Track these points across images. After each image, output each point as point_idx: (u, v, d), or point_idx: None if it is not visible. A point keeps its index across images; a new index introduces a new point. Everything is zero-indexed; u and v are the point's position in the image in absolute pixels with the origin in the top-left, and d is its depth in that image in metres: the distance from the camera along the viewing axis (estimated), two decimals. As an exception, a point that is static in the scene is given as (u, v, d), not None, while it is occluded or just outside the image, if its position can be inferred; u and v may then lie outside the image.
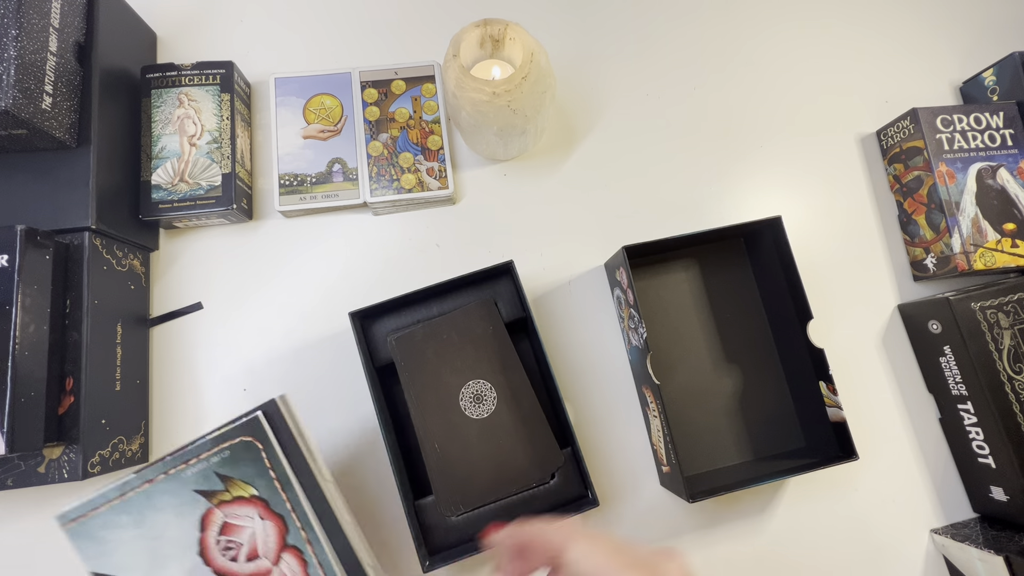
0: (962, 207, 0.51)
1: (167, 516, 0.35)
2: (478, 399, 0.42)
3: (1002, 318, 0.47)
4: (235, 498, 0.36)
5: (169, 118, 0.49)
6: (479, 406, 0.42)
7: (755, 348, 0.51)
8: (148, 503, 0.35)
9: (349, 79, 0.53)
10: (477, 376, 0.42)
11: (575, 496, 0.44)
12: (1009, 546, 0.43)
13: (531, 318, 0.45)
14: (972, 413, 0.48)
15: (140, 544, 0.34)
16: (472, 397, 0.42)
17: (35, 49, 0.40)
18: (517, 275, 0.45)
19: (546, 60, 0.44)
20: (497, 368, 0.42)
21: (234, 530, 0.35)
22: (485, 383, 0.42)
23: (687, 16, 0.60)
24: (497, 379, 0.42)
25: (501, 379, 0.42)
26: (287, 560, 0.36)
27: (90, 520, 0.35)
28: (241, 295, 0.51)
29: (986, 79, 0.57)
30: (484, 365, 0.42)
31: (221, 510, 0.35)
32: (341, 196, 0.51)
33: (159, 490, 0.35)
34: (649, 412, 0.48)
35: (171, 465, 0.35)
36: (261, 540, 0.36)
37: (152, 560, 0.34)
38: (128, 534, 0.34)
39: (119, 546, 0.34)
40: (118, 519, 0.34)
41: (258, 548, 0.36)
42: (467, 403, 0.42)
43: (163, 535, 0.35)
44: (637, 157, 0.56)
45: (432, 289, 0.45)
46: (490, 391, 0.42)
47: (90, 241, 0.43)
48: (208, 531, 0.35)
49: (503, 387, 0.42)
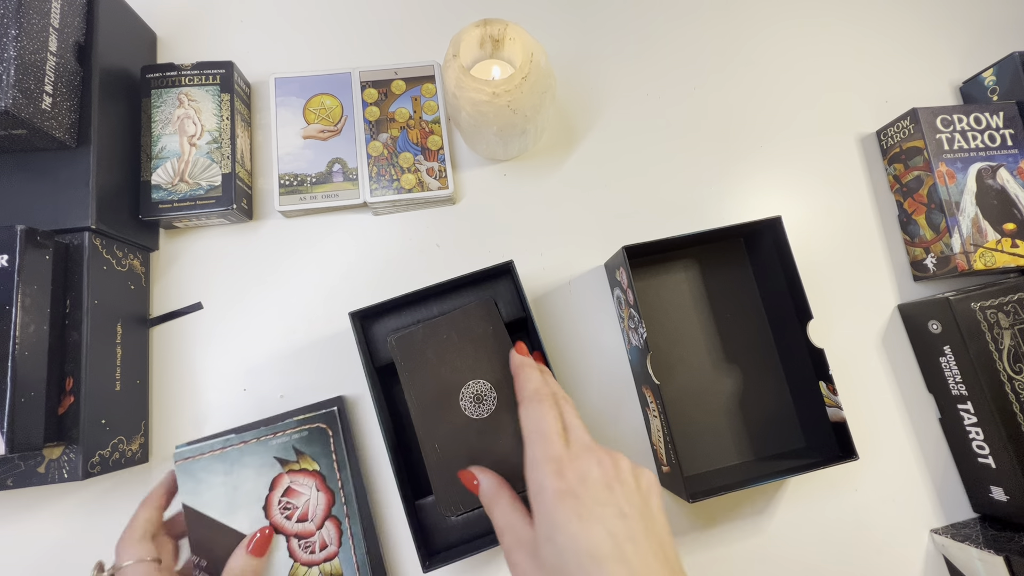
0: (962, 207, 0.51)
1: (248, 472, 0.42)
2: (478, 399, 0.42)
3: (1002, 318, 0.47)
4: (302, 469, 0.43)
5: (169, 118, 0.49)
6: (479, 406, 0.41)
7: (755, 348, 0.51)
8: (239, 459, 0.43)
9: (349, 79, 0.53)
10: (477, 376, 0.42)
11: None
12: (1009, 546, 0.44)
13: (531, 318, 0.45)
14: (972, 413, 0.48)
15: (223, 490, 0.42)
16: (472, 397, 0.42)
17: (35, 49, 0.40)
18: (517, 275, 0.45)
19: (546, 60, 0.44)
20: (497, 368, 0.42)
21: (294, 494, 0.43)
22: (485, 383, 0.42)
23: (687, 16, 0.60)
24: (497, 379, 0.42)
25: (501, 379, 0.42)
26: (328, 527, 0.43)
27: (195, 462, 0.42)
28: (241, 295, 0.51)
29: (986, 79, 0.57)
30: (484, 365, 0.42)
31: (289, 476, 0.43)
32: (341, 196, 0.51)
33: (249, 451, 0.43)
34: (649, 412, 0.48)
35: (263, 433, 0.43)
36: (312, 507, 0.43)
37: (228, 504, 0.42)
38: (218, 479, 0.42)
39: (209, 488, 0.42)
40: (214, 466, 0.42)
41: (308, 513, 0.43)
42: (467, 403, 0.42)
43: (241, 487, 0.42)
44: (637, 157, 0.56)
45: (432, 289, 0.45)
46: (490, 391, 0.41)
47: (90, 241, 0.43)
48: (275, 491, 0.43)
49: (503, 387, 0.42)
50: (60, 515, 0.46)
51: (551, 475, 0.29)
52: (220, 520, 0.41)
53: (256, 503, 0.42)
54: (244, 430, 0.44)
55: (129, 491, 0.46)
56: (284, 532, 0.42)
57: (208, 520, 0.41)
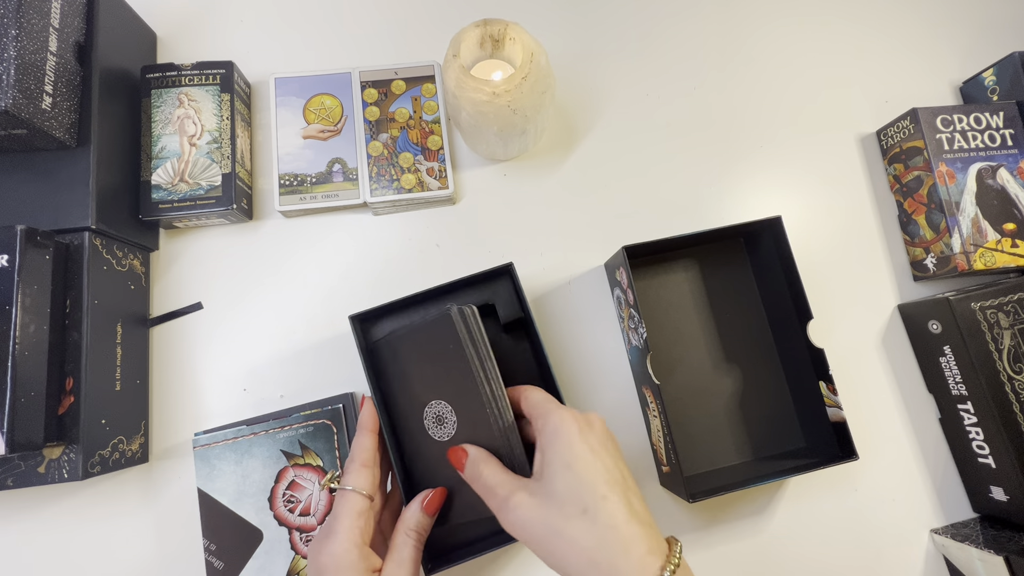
0: (962, 207, 0.51)
1: (256, 463, 0.44)
2: (440, 421, 0.39)
3: (1002, 318, 0.47)
4: (306, 464, 0.45)
5: (169, 118, 0.49)
6: (441, 428, 0.39)
7: (755, 348, 0.51)
8: (248, 449, 0.45)
9: (349, 79, 0.53)
10: (439, 397, 0.39)
11: None
12: (1009, 546, 0.44)
13: (531, 320, 0.45)
14: (972, 413, 0.48)
15: (234, 478, 0.44)
16: (434, 418, 0.39)
17: (35, 49, 0.40)
18: (517, 277, 0.44)
19: (546, 60, 0.44)
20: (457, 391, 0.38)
21: (298, 488, 0.44)
22: (446, 405, 0.39)
23: (687, 15, 0.60)
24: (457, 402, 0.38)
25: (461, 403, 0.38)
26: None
27: (211, 449, 0.44)
28: (241, 295, 0.51)
29: (986, 79, 0.57)
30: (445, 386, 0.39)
31: (294, 471, 0.45)
32: (341, 196, 0.51)
33: (258, 442, 0.45)
34: (649, 412, 0.48)
35: (272, 427, 0.45)
36: (314, 501, 0.44)
37: (237, 493, 0.44)
38: (229, 467, 0.44)
39: (221, 475, 0.44)
40: (227, 454, 0.44)
41: (311, 507, 0.44)
42: (430, 423, 0.39)
43: (249, 476, 0.44)
44: (637, 157, 0.56)
45: (431, 292, 0.45)
46: (451, 414, 0.39)
47: (90, 241, 0.43)
48: (280, 484, 0.44)
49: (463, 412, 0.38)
50: (60, 515, 0.46)
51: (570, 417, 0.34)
52: (229, 507, 0.43)
53: (262, 493, 0.44)
54: (255, 422, 0.46)
55: (129, 491, 0.46)
56: (287, 525, 0.43)
57: (219, 506, 0.43)
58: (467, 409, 0.38)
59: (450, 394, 0.39)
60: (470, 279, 0.45)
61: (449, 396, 0.39)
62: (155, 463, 0.47)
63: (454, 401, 0.38)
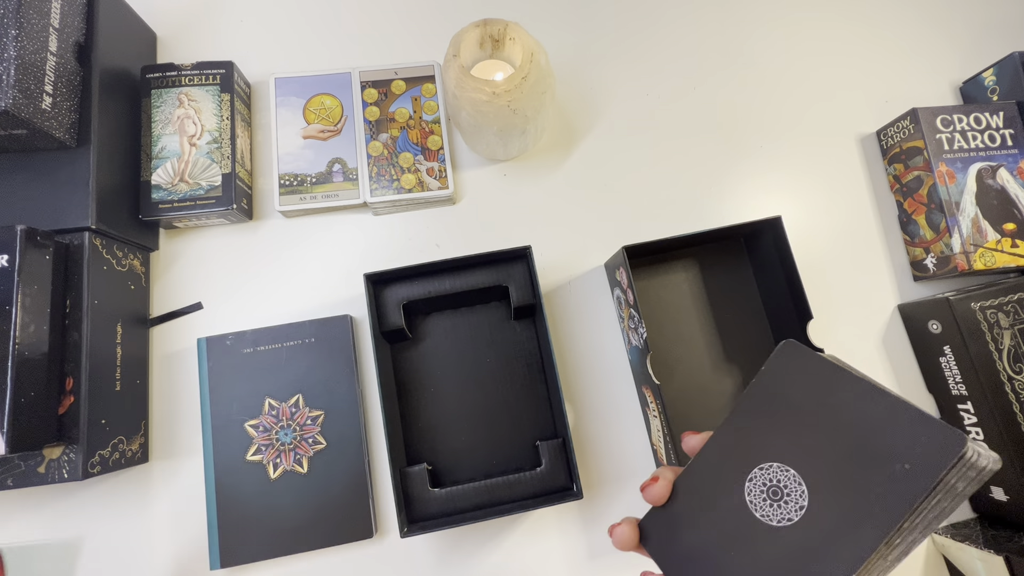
0: (962, 207, 0.51)
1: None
2: (774, 494, 0.27)
3: (1002, 318, 0.47)
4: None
5: (169, 118, 0.49)
6: (772, 504, 0.27)
7: (755, 348, 0.51)
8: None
9: (349, 79, 0.53)
10: (782, 459, 0.28)
11: (560, 487, 0.45)
12: (1009, 546, 0.43)
13: (541, 306, 0.46)
14: (972, 413, 0.48)
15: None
16: (764, 487, 0.28)
17: (35, 49, 0.40)
18: (533, 262, 0.46)
19: (546, 60, 0.44)
20: (818, 453, 0.27)
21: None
22: (792, 472, 0.27)
23: (687, 15, 0.60)
24: (814, 472, 0.26)
25: (820, 473, 0.26)
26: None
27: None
28: (241, 295, 0.51)
29: (986, 79, 0.57)
30: (795, 445, 0.28)
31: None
32: (341, 196, 0.51)
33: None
34: (649, 412, 0.48)
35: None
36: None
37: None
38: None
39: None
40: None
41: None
42: (755, 495, 0.28)
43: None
44: (637, 157, 0.56)
45: (447, 263, 0.46)
46: (798, 485, 0.27)
47: (90, 241, 0.43)
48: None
49: (820, 488, 0.26)
50: (60, 515, 0.46)
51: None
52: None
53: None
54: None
55: (129, 491, 0.46)
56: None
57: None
58: (832, 485, 0.25)
59: (803, 458, 0.27)
60: (488, 256, 0.46)
61: (800, 461, 0.27)
62: (155, 463, 0.47)
63: (807, 470, 0.26)
